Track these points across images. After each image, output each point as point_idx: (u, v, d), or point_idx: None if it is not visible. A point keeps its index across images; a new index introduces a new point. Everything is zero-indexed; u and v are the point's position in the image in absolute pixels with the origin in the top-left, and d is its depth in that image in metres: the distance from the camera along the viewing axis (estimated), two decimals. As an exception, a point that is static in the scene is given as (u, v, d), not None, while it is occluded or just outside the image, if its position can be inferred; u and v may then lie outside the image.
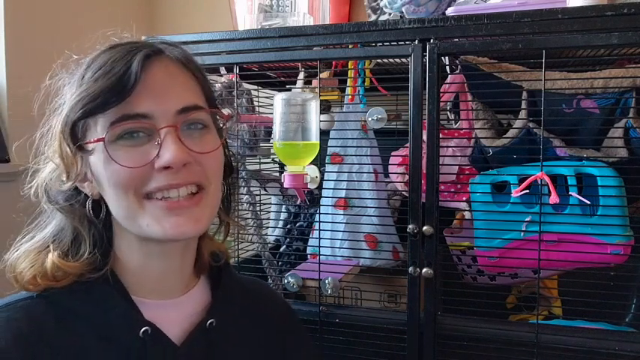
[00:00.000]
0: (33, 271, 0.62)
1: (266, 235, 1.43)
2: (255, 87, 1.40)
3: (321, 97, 1.11)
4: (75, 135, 0.61)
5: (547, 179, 0.96)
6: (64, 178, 0.63)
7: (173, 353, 0.64)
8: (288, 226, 1.45)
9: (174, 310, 0.68)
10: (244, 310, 0.76)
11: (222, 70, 1.18)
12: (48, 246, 0.64)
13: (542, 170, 0.96)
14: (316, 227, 1.28)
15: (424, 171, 1.00)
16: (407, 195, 1.04)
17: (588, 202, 0.99)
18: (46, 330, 0.60)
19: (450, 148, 1.16)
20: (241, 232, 1.21)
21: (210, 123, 0.67)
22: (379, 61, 1.18)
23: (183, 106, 0.63)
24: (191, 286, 0.72)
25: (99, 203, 0.65)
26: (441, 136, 1.03)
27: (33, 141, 0.66)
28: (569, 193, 1.01)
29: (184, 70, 0.65)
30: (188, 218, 0.62)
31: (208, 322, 0.68)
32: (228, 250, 0.79)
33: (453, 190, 1.17)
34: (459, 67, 1.11)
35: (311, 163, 0.96)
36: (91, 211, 0.64)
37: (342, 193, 1.28)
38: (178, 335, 0.66)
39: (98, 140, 0.60)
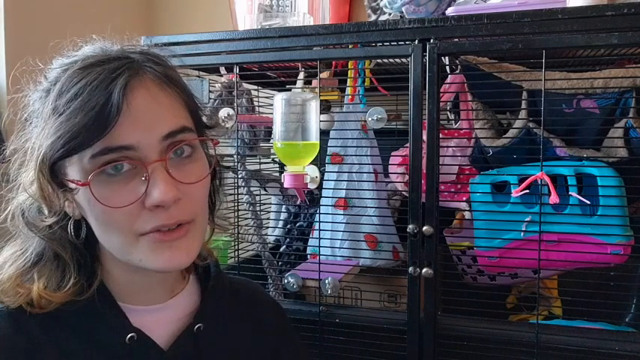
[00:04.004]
0: (20, 300, 0.60)
1: (266, 235, 1.43)
2: (255, 87, 1.40)
3: (321, 97, 1.11)
4: (55, 173, 0.58)
5: (547, 179, 0.96)
6: (46, 213, 0.61)
7: (160, 358, 0.64)
8: (288, 226, 1.45)
9: (161, 314, 0.67)
10: (234, 313, 0.76)
11: (222, 70, 1.18)
12: (31, 273, 0.62)
13: (542, 170, 0.96)
14: (316, 227, 1.28)
15: (424, 171, 1.00)
16: (407, 195, 1.04)
17: (588, 202, 0.99)
18: (32, 337, 0.59)
19: (450, 148, 1.16)
20: (241, 232, 1.21)
21: (198, 145, 0.64)
22: (379, 61, 1.18)
23: (170, 130, 0.59)
24: (178, 290, 0.70)
25: (79, 223, 0.62)
26: (441, 136, 1.03)
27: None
28: (569, 193, 1.01)
29: (168, 90, 0.61)
30: (180, 251, 0.60)
31: (196, 326, 0.67)
32: (211, 250, 0.77)
33: (453, 190, 1.17)
34: (459, 67, 1.11)
35: (311, 163, 0.96)
36: (73, 234, 0.62)
37: (342, 193, 1.28)
38: (166, 339, 0.66)
39: (83, 184, 0.57)
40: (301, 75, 1.23)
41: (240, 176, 1.23)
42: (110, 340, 0.62)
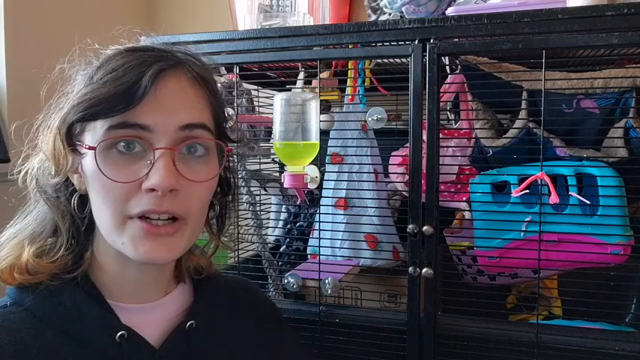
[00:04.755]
0: (10, 261, 0.62)
1: (266, 235, 1.43)
2: (255, 87, 1.40)
3: (321, 97, 1.11)
4: (70, 135, 0.60)
5: (547, 179, 0.96)
6: (53, 172, 0.63)
7: (151, 356, 0.63)
8: (288, 226, 1.45)
9: (153, 313, 0.67)
10: (229, 311, 0.75)
11: (222, 70, 1.18)
12: (24, 241, 0.64)
13: (542, 170, 0.96)
14: (316, 227, 1.28)
15: (424, 171, 1.00)
16: (407, 195, 1.04)
17: (588, 202, 0.99)
18: (21, 339, 0.59)
19: (450, 148, 1.16)
20: (241, 232, 1.21)
21: (213, 149, 0.65)
22: (379, 61, 1.18)
23: (188, 122, 0.61)
24: (171, 289, 0.71)
25: (85, 198, 0.63)
26: (441, 136, 1.03)
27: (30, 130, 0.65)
28: (569, 193, 1.01)
29: (198, 89, 0.63)
30: (162, 245, 0.60)
31: (188, 323, 0.67)
32: (210, 266, 0.77)
33: (453, 190, 1.17)
34: (459, 67, 1.11)
35: (311, 163, 0.96)
36: (76, 207, 0.63)
37: (342, 193, 1.28)
38: (157, 338, 0.65)
39: (90, 148, 0.59)
40: (301, 75, 1.23)
41: (240, 176, 1.23)
42: (100, 338, 0.61)
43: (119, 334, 0.61)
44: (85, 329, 0.61)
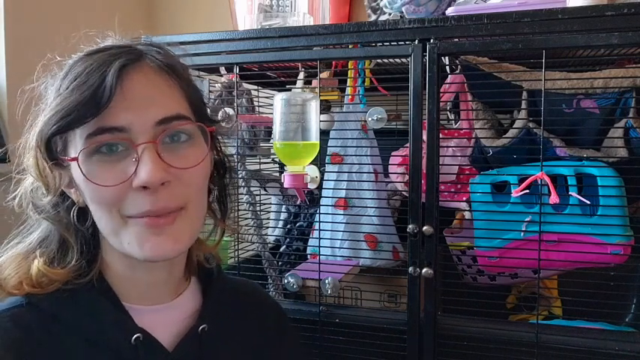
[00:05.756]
0: (18, 277, 0.61)
1: (266, 235, 1.43)
2: (255, 87, 1.40)
3: (321, 97, 1.11)
4: (51, 150, 0.59)
5: (547, 179, 0.96)
6: (45, 191, 0.62)
7: (165, 359, 0.64)
8: (288, 226, 1.45)
9: (164, 315, 0.67)
10: (235, 313, 0.76)
11: (222, 70, 1.18)
12: (34, 252, 0.63)
13: (542, 170, 0.96)
14: (316, 227, 1.28)
15: (424, 171, 1.00)
16: (407, 195, 1.04)
17: (588, 202, 0.99)
18: (36, 339, 0.59)
19: (450, 148, 1.16)
20: (241, 232, 1.21)
21: (196, 133, 0.64)
22: (379, 61, 1.18)
23: (164, 116, 0.59)
24: (181, 290, 0.70)
25: (85, 210, 0.63)
26: (441, 136, 1.03)
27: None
28: (569, 193, 1.01)
29: (167, 78, 0.62)
30: (167, 238, 0.60)
31: (200, 327, 0.67)
32: (218, 254, 0.77)
33: (453, 190, 1.17)
34: (459, 67, 1.11)
35: (311, 163, 0.96)
36: (77, 219, 0.63)
37: (342, 193, 1.28)
38: (169, 340, 0.65)
39: (72, 159, 0.58)
40: (301, 75, 1.23)
41: (240, 176, 1.23)
42: (115, 340, 0.61)
43: (135, 336, 0.61)
44: (100, 331, 0.61)
